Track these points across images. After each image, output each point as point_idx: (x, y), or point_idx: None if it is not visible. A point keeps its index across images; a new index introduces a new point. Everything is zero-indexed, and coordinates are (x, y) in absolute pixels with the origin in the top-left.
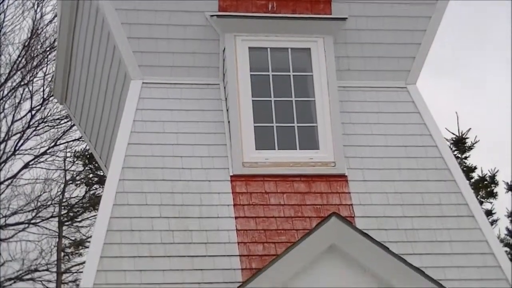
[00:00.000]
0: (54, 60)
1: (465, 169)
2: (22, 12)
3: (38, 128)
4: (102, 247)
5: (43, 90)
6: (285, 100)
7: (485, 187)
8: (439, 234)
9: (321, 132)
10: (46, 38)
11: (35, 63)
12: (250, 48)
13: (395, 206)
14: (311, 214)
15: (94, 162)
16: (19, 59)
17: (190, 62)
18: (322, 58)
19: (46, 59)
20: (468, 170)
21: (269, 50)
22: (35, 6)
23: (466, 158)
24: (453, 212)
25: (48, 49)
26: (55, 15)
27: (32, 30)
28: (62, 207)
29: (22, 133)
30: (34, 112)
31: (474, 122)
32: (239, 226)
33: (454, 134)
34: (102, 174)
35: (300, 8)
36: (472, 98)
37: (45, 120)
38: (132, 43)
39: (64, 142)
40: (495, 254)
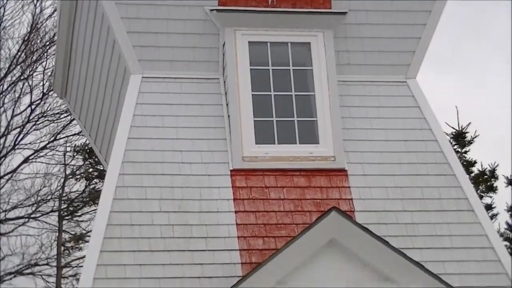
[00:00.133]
0: (53, 54)
1: (465, 163)
2: (22, 6)
3: (38, 122)
4: (102, 241)
5: (43, 85)
6: (285, 94)
7: (485, 181)
8: (439, 228)
9: (321, 126)
10: (46, 33)
11: (35, 58)
12: (250, 42)
13: (395, 200)
14: (311, 208)
15: (94, 157)
16: (19, 54)
17: (190, 57)
18: (322, 52)
19: (45, 54)
20: (468, 165)
21: (269, 44)
22: (35, 1)
23: (466, 152)
24: (453, 206)
25: (47, 43)
26: (55, 10)
27: (31, 25)
28: (62, 202)
29: (22, 127)
30: (34, 106)
31: (474, 117)
32: (239, 220)
33: (454, 128)
34: (102, 168)
35: (300, 2)
36: (472, 92)
37: (45, 114)
38: (131, 38)
39: (64, 137)
40: (495, 248)
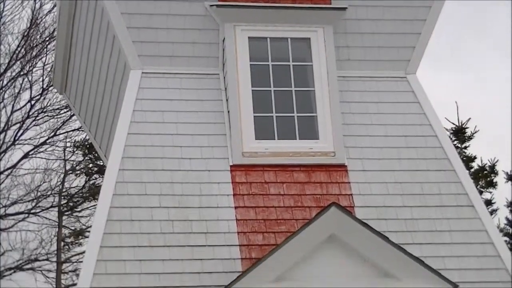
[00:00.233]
0: (53, 50)
1: (464, 159)
2: (22, 2)
3: (37, 118)
4: (102, 237)
5: (43, 80)
6: (284, 90)
7: (484, 177)
8: (439, 224)
9: (320, 122)
10: (46, 28)
11: (35, 53)
12: (249, 38)
13: (395, 196)
14: (311, 204)
15: (93, 152)
16: (19, 49)
17: (190, 52)
18: (322, 48)
19: (45, 49)
20: (467, 160)
21: (268, 40)
22: None
23: (465, 148)
24: (452, 202)
25: (47, 39)
26: (55, 5)
27: (31, 20)
28: (62, 197)
29: (22, 123)
30: (33, 102)
31: (474, 112)
32: (239, 216)
33: (454, 124)
34: (102, 164)
35: None
36: (472, 88)
37: (44, 110)
38: (131, 33)
39: (63, 132)
40: (495, 243)
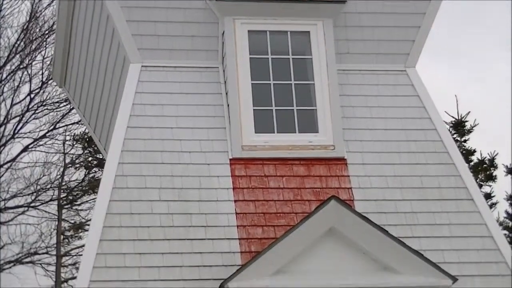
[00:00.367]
0: (53, 43)
1: (464, 152)
2: None
3: (37, 111)
4: (101, 230)
5: (42, 73)
6: (284, 83)
7: (484, 170)
8: (438, 217)
9: (320, 115)
10: (45, 21)
11: (34, 46)
12: (249, 31)
13: (395, 189)
14: (310, 197)
15: (93, 145)
16: (18, 42)
17: (189, 45)
18: (322, 41)
19: (45, 42)
20: (467, 153)
21: (268, 33)
22: None
23: (465, 141)
24: (452, 195)
25: (47, 32)
26: None
27: (30, 13)
28: (62, 190)
29: (21, 116)
30: (33, 95)
31: (474, 105)
32: (239, 209)
33: (453, 117)
34: (101, 157)
35: None
36: (472, 81)
37: (44, 103)
38: (131, 26)
39: (63, 125)
40: (494, 237)
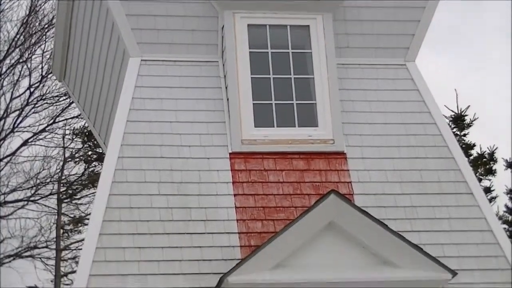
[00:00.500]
0: (52, 37)
1: (464, 146)
2: None
3: (37, 105)
4: (101, 224)
5: (42, 67)
6: (284, 77)
7: (484, 164)
8: (438, 211)
9: (320, 109)
10: (45, 15)
11: (34, 40)
12: (249, 25)
13: (394, 183)
14: (310, 191)
15: (93, 139)
16: (18, 37)
17: (189, 40)
18: (321, 36)
19: (44, 36)
20: (467, 147)
21: (268, 27)
22: None
23: (465, 135)
24: (452, 189)
25: (46, 26)
26: None
27: (30, 7)
28: (61, 185)
29: (21, 110)
30: (32, 89)
31: (474, 98)
32: (238, 203)
33: (453, 111)
34: (101, 151)
35: None
36: (471, 75)
37: (43, 97)
38: (131, 20)
39: (63, 120)
40: (494, 231)
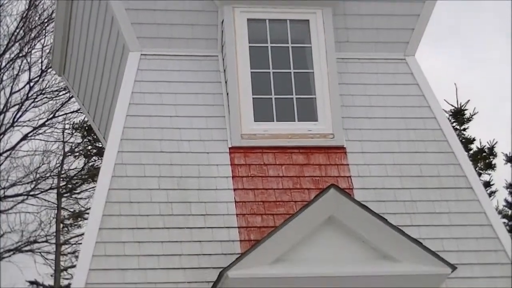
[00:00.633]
0: (52, 31)
1: (463, 140)
2: None
3: (36, 99)
4: (101, 219)
5: (41, 62)
6: (283, 72)
7: (483, 159)
8: (438, 205)
9: (319, 104)
10: (44, 10)
11: (33, 35)
12: (248, 19)
13: (394, 177)
14: (310, 186)
15: (92, 134)
16: (17, 31)
17: (189, 34)
18: (321, 30)
19: (44, 31)
20: (466, 142)
21: (267, 21)
22: None
23: (464, 129)
24: (451, 183)
25: (46, 20)
26: None
27: (30, 2)
28: (61, 179)
29: (21, 104)
30: (32, 83)
31: (474, 93)
32: (238, 198)
33: (453, 105)
34: (100, 145)
35: None
36: (471, 69)
37: (43, 91)
38: (130, 15)
39: (62, 114)
40: (493, 225)
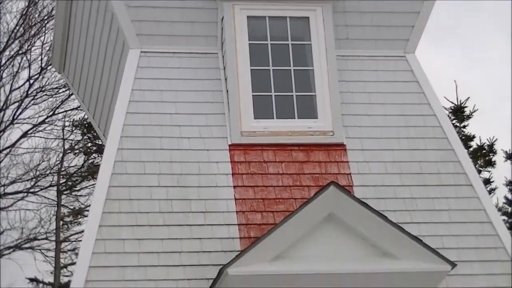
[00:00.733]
0: (52, 29)
1: (463, 138)
2: None
3: (36, 97)
4: (100, 216)
5: (41, 59)
6: (283, 69)
7: (483, 156)
8: (437, 203)
9: (319, 101)
10: (44, 7)
11: (33, 32)
12: (248, 17)
13: (394, 175)
14: (310, 183)
15: (92, 131)
16: (17, 28)
17: (189, 31)
18: (321, 27)
19: (44, 28)
20: (466, 139)
21: (267, 19)
22: None
23: (464, 127)
24: (451, 181)
25: (46, 17)
26: None
27: None
28: (61, 176)
29: (20, 102)
30: (32, 81)
31: (474, 90)
32: (238, 195)
33: (452, 103)
34: (100, 143)
35: None
36: (472, 66)
37: (43, 89)
38: (130, 12)
39: (62, 111)
40: (493, 222)
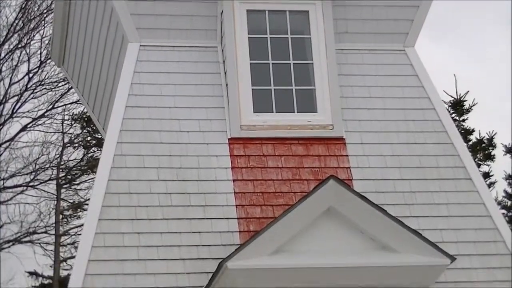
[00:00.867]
0: (51, 22)
1: (463, 131)
2: None
3: (35, 90)
4: (100, 210)
5: (41, 53)
6: (283, 63)
7: (482, 150)
8: (437, 196)
9: (319, 95)
10: (43, 0)
11: (32, 26)
12: (248, 10)
13: (393, 169)
14: (309, 177)
15: (92, 125)
16: (16, 22)
17: (188, 25)
18: (320, 21)
19: (43, 22)
20: (466, 133)
21: (267, 12)
22: None
23: (464, 120)
24: (450, 174)
25: (45, 11)
26: None
27: None
28: (60, 170)
29: (20, 96)
30: (31, 74)
31: (473, 84)
32: (237, 189)
33: (452, 96)
34: (100, 136)
35: None
36: (471, 60)
37: (42, 82)
38: (129, 6)
39: (62, 105)
40: (492, 216)
